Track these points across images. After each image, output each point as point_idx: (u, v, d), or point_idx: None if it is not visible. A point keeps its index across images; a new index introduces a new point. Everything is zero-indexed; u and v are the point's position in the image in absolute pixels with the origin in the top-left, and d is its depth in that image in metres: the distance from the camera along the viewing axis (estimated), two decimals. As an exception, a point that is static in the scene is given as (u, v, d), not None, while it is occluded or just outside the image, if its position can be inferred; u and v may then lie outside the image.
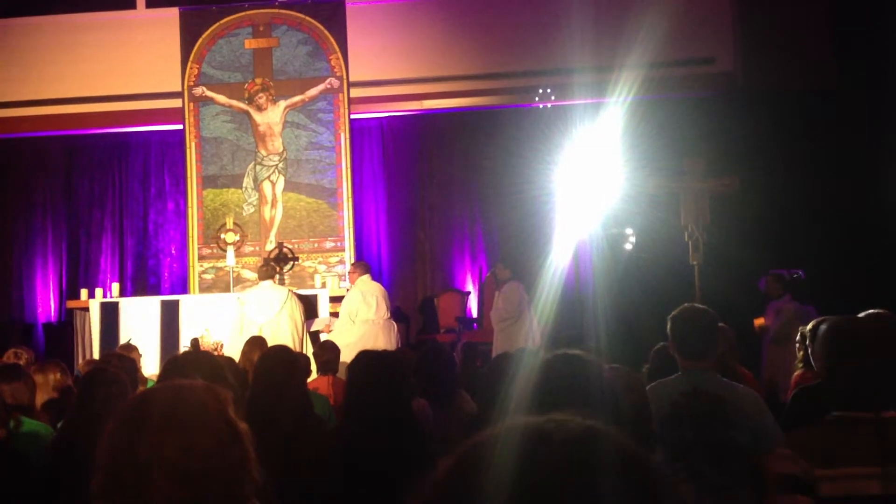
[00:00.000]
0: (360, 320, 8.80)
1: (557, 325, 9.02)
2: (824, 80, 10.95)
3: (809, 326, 4.45)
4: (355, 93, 11.52)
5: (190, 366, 2.86)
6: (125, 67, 11.90)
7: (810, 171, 10.25)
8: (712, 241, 8.35)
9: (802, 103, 10.62)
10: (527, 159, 10.03)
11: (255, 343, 6.27)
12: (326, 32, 11.46)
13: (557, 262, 9.38)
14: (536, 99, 10.96)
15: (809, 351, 4.36)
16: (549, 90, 10.91)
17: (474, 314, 11.98)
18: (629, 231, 9.77)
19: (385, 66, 11.80)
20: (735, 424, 3.23)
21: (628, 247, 9.86)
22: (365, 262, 10.08)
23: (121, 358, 5.22)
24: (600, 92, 10.19)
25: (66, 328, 11.39)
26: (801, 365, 4.96)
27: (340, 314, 9.05)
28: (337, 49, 11.43)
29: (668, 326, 3.49)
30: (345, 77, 11.40)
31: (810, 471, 2.35)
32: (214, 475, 1.38)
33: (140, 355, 6.59)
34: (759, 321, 8.85)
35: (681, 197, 8.14)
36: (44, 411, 4.05)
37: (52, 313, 12.53)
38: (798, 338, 5.10)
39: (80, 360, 9.03)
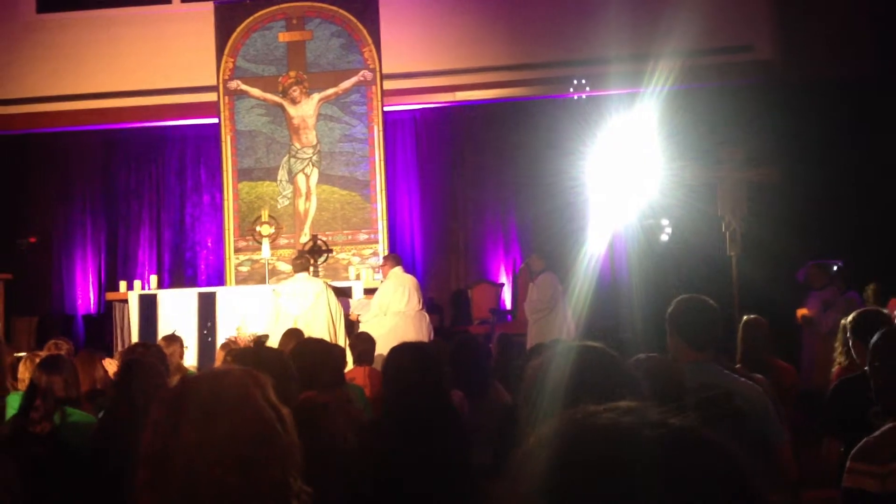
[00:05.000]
0: (391, 312, 8.83)
1: (592, 316, 8.97)
2: (864, 67, 10.76)
3: (850, 318, 4.36)
4: (388, 85, 11.52)
5: (255, 361, 2.87)
6: (161, 62, 12.01)
7: (849, 160, 10.09)
8: (750, 231, 8.24)
9: (842, 91, 10.45)
10: (561, 150, 9.96)
11: (291, 335, 6.31)
12: (359, 25, 11.48)
13: (592, 254, 9.33)
14: (571, 89, 10.88)
15: (850, 343, 4.28)
16: (583, 80, 10.83)
17: (508, 306, 11.96)
18: (665, 222, 9.69)
19: (418, 57, 11.79)
20: (745, 418, 3.18)
21: (664, 238, 9.77)
22: (396, 254, 10.10)
23: (147, 346, 5.26)
24: (636, 82, 10.09)
25: (105, 320, 11.54)
26: (842, 358, 4.87)
27: (372, 306, 9.08)
28: (370, 41, 11.44)
29: (670, 316, 3.42)
30: (378, 69, 11.40)
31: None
32: (260, 461, 1.39)
33: (185, 346, 6.66)
34: (801, 311, 8.73)
35: (718, 187, 8.05)
36: (87, 401, 4.11)
37: (92, 305, 12.71)
38: (840, 329, 5.02)
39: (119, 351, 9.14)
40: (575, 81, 10.86)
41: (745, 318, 5.53)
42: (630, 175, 9.03)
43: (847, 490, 2.42)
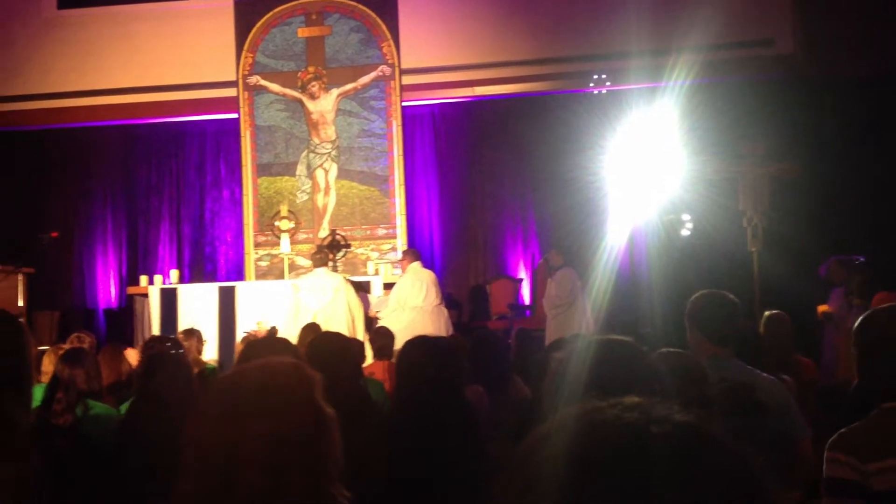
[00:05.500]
0: (409, 307, 8.84)
1: (611, 311, 8.94)
2: (884, 64, 10.66)
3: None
4: (407, 80, 11.52)
5: (267, 352, 2.87)
6: (181, 57, 12.06)
7: (871, 155, 9.99)
8: (771, 226, 8.19)
9: (862, 88, 10.35)
10: (580, 145, 9.93)
11: (310, 329, 6.33)
12: (378, 20, 11.48)
13: (611, 249, 9.29)
14: (591, 84, 10.84)
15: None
16: (603, 75, 10.78)
17: (526, 301, 11.94)
18: (686, 217, 9.63)
19: (437, 52, 11.78)
20: (768, 412, 3.16)
21: (685, 233, 9.72)
22: (415, 249, 10.10)
23: (164, 340, 5.30)
24: (656, 76, 10.03)
25: (126, 314, 11.61)
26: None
27: (390, 301, 9.09)
28: (389, 36, 11.45)
29: (690, 311, 3.40)
30: (396, 64, 11.41)
31: (862, 468, 2.30)
32: (294, 465, 1.37)
33: (203, 341, 6.69)
34: (822, 308, 8.66)
35: (739, 182, 8.00)
36: (110, 394, 4.13)
37: (113, 299, 12.79)
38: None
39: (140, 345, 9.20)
40: (595, 76, 10.81)
41: (766, 313, 5.50)
42: (650, 170, 8.98)
43: (828, 480, 2.40)
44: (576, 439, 0.82)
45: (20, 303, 9.19)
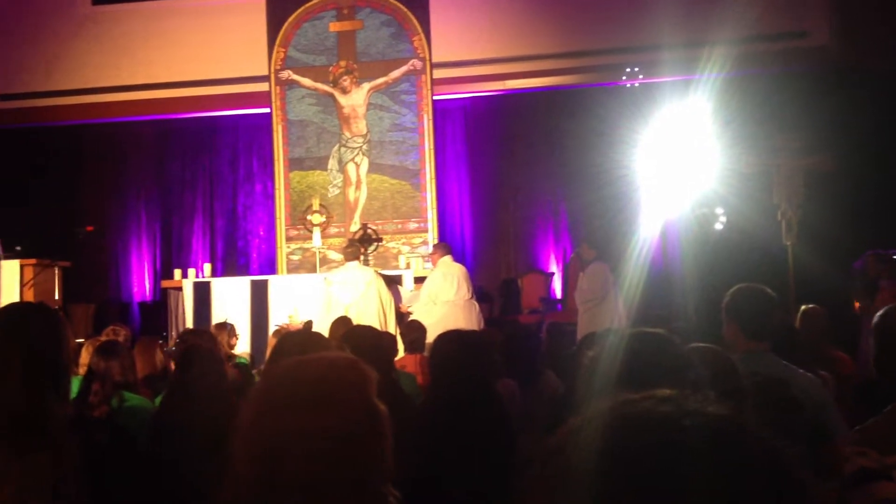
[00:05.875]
0: (441, 301, 8.84)
1: (644, 305, 8.87)
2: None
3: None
4: (438, 74, 11.51)
5: (298, 344, 2.89)
6: (214, 52, 12.15)
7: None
8: (806, 220, 8.09)
9: (896, 80, 10.20)
10: (612, 138, 9.87)
11: (341, 323, 6.36)
12: (409, 14, 11.48)
13: (644, 243, 9.22)
14: (624, 77, 10.75)
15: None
16: (636, 68, 10.69)
17: (558, 295, 11.90)
18: (719, 210, 9.53)
19: (468, 46, 11.76)
20: (801, 408, 3.11)
21: (719, 227, 9.62)
22: (446, 243, 10.10)
23: (198, 333, 5.34)
24: (690, 69, 9.94)
25: (160, 307, 11.72)
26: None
27: (421, 295, 9.10)
28: (420, 30, 11.44)
29: (727, 305, 3.37)
30: (428, 58, 11.40)
31: (882, 460, 2.26)
32: (347, 461, 1.36)
33: (235, 336, 6.72)
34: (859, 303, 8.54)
35: (773, 175, 7.91)
36: (145, 386, 4.18)
37: (147, 293, 12.94)
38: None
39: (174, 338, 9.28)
40: (628, 69, 10.73)
41: (802, 307, 5.44)
42: (683, 163, 8.91)
43: (852, 474, 2.36)
44: (608, 432, 0.82)
45: (56, 296, 9.31)
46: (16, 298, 8.65)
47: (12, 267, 9.18)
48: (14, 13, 12.73)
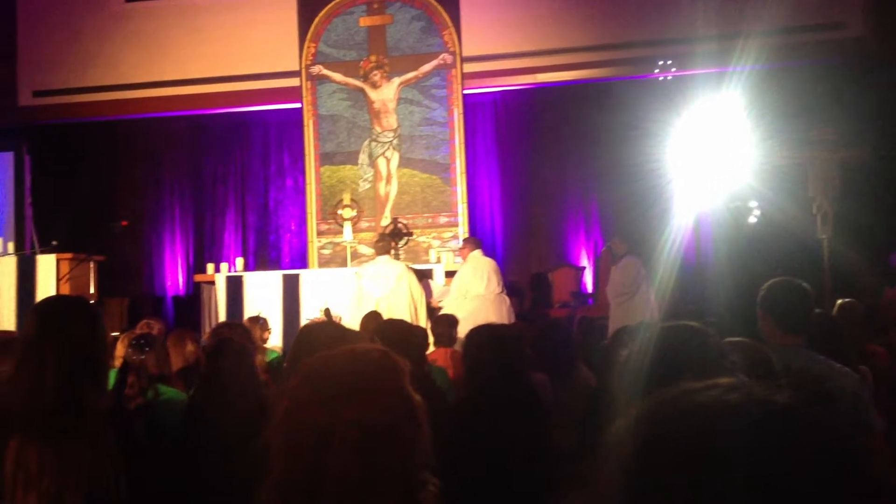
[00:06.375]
0: (471, 295, 8.83)
1: (676, 299, 8.82)
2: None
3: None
4: (468, 68, 11.50)
5: (321, 336, 2.90)
6: (245, 48, 12.22)
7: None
8: (841, 213, 7.98)
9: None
10: (644, 132, 9.78)
11: (372, 317, 6.37)
12: (439, 8, 11.47)
13: (676, 237, 9.15)
14: (656, 70, 10.66)
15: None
16: (669, 61, 10.59)
17: (589, 289, 11.85)
18: (753, 204, 9.44)
19: (498, 39, 11.72)
20: (835, 403, 3.06)
21: (753, 220, 9.53)
22: (475, 237, 10.09)
23: (232, 326, 5.37)
24: (723, 61, 9.83)
25: (193, 301, 11.83)
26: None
27: (451, 290, 9.09)
28: (450, 24, 11.43)
29: (763, 298, 3.34)
30: (458, 52, 11.39)
31: None
32: (386, 450, 1.37)
33: (268, 330, 6.75)
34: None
35: (808, 168, 7.81)
36: (178, 378, 4.22)
37: (181, 286, 13.06)
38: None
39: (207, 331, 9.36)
40: (660, 62, 10.63)
41: (838, 301, 5.37)
42: (717, 156, 8.82)
43: None
44: (676, 420, 0.81)
45: (92, 290, 9.43)
46: (52, 292, 8.77)
47: (49, 261, 9.31)
48: (50, 11, 12.89)
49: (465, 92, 11.49)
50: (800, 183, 8.05)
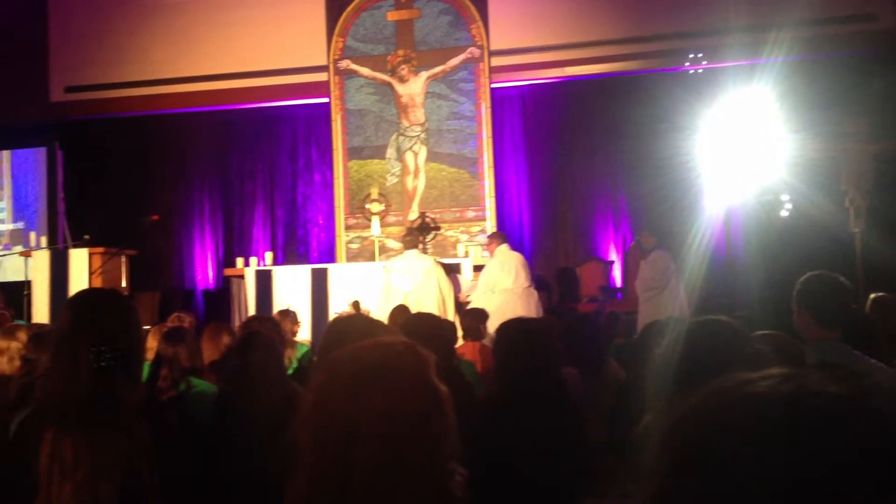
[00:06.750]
0: (499, 289, 8.81)
1: (706, 294, 8.75)
2: None
3: None
4: (496, 61, 11.47)
5: (350, 329, 2.91)
6: (273, 43, 12.28)
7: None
8: (874, 206, 7.87)
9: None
10: (673, 125, 9.71)
11: (400, 310, 6.38)
12: (467, 1, 11.45)
13: (706, 230, 9.07)
14: (687, 63, 10.56)
15: None
16: (699, 53, 10.49)
17: (618, 283, 11.79)
18: (785, 197, 9.33)
19: (526, 33, 11.68)
20: (871, 398, 3.01)
21: (784, 214, 9.42)
22: (501, 231, 10.07)
23: (262, 319, 5.41)
24: (755, 53, 9.73)
25: (223, 295, 11.93)
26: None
27: (479, 284, 9.08)
28: (478, 18, 11.40)
29: (799, 292, 3.31)
30: (485, 46, 11.36)
31: None
32: (415, 440, 1.38)
33: (297, 322, 6.80)
34: None
35: (841, 161, 7.71)
36: (210, 371, 4.25)
37: (211, 281, 13.17)
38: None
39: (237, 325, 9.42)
40: (691, 55, 10.53)
41: (872, 296, 5.30)
42: (748, 149, 8.73)
43: None
44: (729, 412, 0.81)
45: (123, 284, 9.52)
46: (84, 286, 8.86)
47: (81, 255, 9.41)
48: (81, 8, 13.03)
49: (493, 86, 11.46)
50: (832, 176, 7.95)
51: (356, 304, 8.55)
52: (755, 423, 0.79)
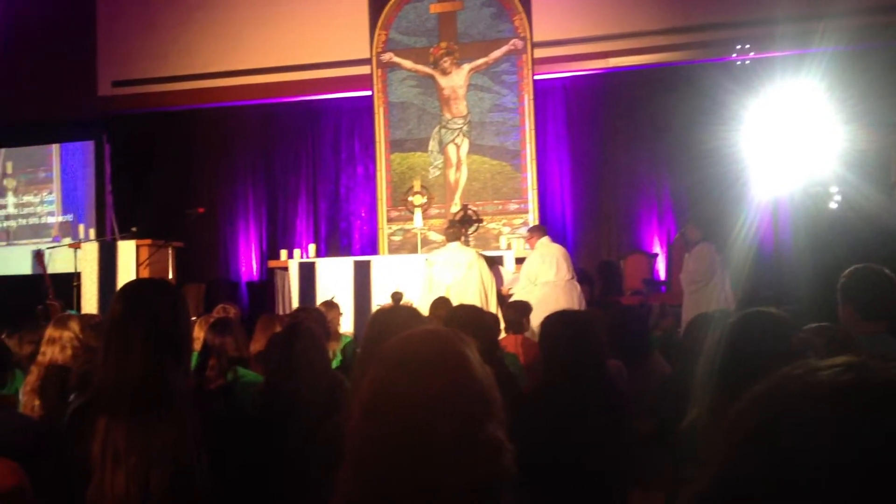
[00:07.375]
0: (541, 282, 8.79)
1: (752, 287, 8.63)
2: None
3: None
4: (539, 53, 11.41)
5: (394, 320, 2.93)
6: (317, 37, 12.34)
7: None
8: (926, 198, 7.70)
9: None
10: (719, 116, 9.58)
11: (441, 302, 6.40)
12: (510, -7, 11.41)
13: (752, 223, 8.95)
14: (734, 54, 10.40)
15: None
16: (747, 44, 10.33)
17: (662, 276, 11.69)
18: (834, 189, 9.16)
19: (569, 24, 11.60)
20: None
21: (833, 205, 9.25)
22: (541, 224, 10.03)
23: (308, 310, 5.45)
24: (804, 43, 9.56)
25: (267, 286, 12.05)
26: None
27: (521, 277, 9.07)
28: (521, 9, 11.35)
29: (844, 285, 3.26)
30: (528, 38, 11.31)
31: None
32: (476, 416, 1.41)
33: (340, 313, 6.87)
34: None
35: (892, 152, 7.55)
36: (256, 362, 4.29)
37: (255, 272, 13.30)
38: None
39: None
40: (738, 45, 10.36)
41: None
42: (796, 140, 8.59)
43: None
44: (793, 401, 0.81)
45: (170, 275, 9.66)
46: (132, 277, 9.01)
47: (129, 247, 9.57)
48: (128, 3, 13.21)
49: (536, 77, 11.41)
50: (882, 167, 7.79)
51: (397, 296, 8.59)
52: (823, 409, 0.79)
